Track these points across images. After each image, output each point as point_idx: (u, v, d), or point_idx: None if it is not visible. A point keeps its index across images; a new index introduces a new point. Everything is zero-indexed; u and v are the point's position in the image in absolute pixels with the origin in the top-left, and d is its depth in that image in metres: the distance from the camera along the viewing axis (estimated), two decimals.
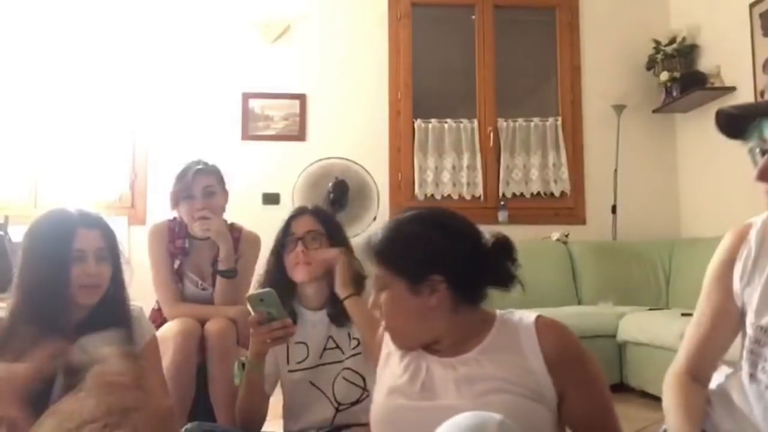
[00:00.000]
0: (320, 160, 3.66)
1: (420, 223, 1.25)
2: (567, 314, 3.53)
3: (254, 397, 1.64)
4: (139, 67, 4.31)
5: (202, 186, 2.34)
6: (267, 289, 1.53)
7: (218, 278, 2.33)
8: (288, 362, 1.75)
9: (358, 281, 1.75)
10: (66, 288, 1.48)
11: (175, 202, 2.39)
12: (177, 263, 2.39)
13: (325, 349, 1.76)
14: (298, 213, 1.83)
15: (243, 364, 1.62)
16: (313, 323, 1.77)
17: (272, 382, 1.76)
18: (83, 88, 4.26)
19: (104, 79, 4.29)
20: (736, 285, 1.19)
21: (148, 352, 1.62)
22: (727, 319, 1.21)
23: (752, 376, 1.14)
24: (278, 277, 1.76)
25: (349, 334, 1.77)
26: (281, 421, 1.81)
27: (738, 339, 1.22)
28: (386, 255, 1.22)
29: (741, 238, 1.21)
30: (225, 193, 2.46)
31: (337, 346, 1.77)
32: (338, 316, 1.76)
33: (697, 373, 1.23)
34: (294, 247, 1.74)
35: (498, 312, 1.26)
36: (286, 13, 4.45)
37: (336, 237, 1.82)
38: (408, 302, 1.20)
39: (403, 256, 1.21)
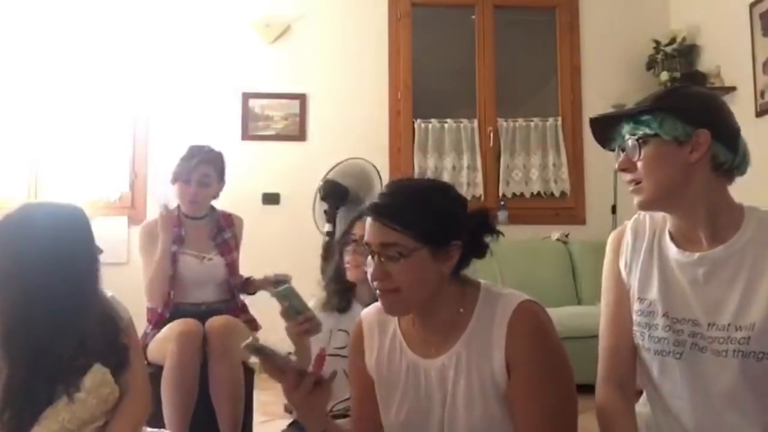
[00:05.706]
0: (345, 160, 3.47)
1: (436, 191, 1.25)
2: (567, 314, 3.53)
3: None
4: (139, 67, 4.31)
5: (200, 174, 2.46)
6: (285, 285, 1.64)
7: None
8: (328, 346, 1.83)
9: None
10: None
11: (174, 180, 2.50)
12: (174, 248, 2.42)
13: None
14: (361, 215, 1.89)
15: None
16: None
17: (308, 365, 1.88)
18: (84, 89, 4.27)
19: (105, 79, 4.30)
20: (624, 276, 1.30)
21: (128, 333, 1.55)
22: (629, 317, 1.28)
23: (643, 347, 1.23)
24: (341, 272, 1.87)
25: None
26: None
27: None
28: (413, 222, 1.17)
29: (620, 238, 1.34)
30: (221, 183, 2.57)
31: None
32: None
33: (622, 381, 1.26)
34: (350, 249, 1.85)
35: (483, 285, 1.26)
36: (285, 13, 4.45)
37: None
38: (429, 268, 1.18)
39: (432, 223, 1.18)
